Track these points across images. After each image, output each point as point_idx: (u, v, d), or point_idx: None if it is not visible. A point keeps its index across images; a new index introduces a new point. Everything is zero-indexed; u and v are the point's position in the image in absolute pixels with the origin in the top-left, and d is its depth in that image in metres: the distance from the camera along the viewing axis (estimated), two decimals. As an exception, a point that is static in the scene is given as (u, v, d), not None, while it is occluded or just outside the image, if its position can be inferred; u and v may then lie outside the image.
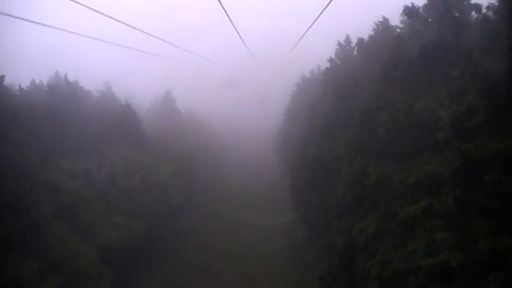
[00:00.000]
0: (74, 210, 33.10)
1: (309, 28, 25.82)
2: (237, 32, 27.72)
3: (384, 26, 35.08)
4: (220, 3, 19.81)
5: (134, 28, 24.32)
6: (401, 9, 31.09)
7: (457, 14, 27.50)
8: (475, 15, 26.94)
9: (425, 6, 28.68)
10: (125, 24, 23.13)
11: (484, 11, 25.35)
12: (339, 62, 42.44)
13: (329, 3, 18.91)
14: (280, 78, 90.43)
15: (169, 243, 46.55)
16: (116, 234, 35.45)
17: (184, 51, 45.05)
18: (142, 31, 25.77)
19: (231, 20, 23.50)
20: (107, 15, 21.02)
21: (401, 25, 32.85)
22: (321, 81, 44.56)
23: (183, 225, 52.82)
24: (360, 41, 37.86)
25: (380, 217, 20.53)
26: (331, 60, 43.66)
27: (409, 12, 28.86)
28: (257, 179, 69.55)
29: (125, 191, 41.35)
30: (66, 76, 49.11)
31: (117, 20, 21.96)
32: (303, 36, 31.04)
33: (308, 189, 33.80)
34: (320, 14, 21.34)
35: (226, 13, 21.73)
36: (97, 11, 20.55)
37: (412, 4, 28.64)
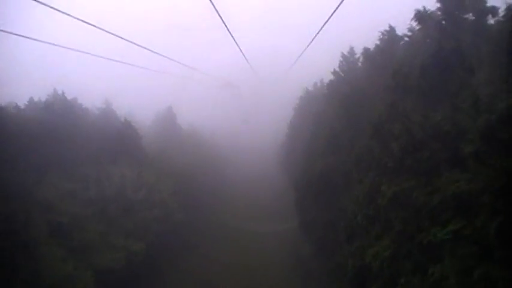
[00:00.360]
0: (70, 230, 31.72)
1: (309, 43, 26.10)
2: (237, 45, 27.41)
3: (390, 35, 33.90)
4: (222, 20, 20.25)
5: (137, 45, 24.03)
6: (404, 20, 30.56)
7: (472, 18, 26.30)
8: (492, 19, 25.76)
9: (438, 9, 27.46)
10: (126, 40, 22.71)
11: (502, 13, 24.04)
12: (342, 74, 41.40)
13: (328, 19, 19.01)
14: (282, 92, 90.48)
15: (171, 260, 45.08)
16: (114, 256, 33.99)
17: (186, 67, 44.77)
18: (144, 47, 25.50)
19: (231, 34, 23.30)
20: (109, 32, 20.90)
21: (410, 33, 31.60)
22: (325, 94, 43.40)
23: (185, 241, 51.40)
24: (366, 50, 36.62)
25: (396, 239, 18.96)
26: (334, 72, 42.59)
27: (421, 16, 27.51)
28: (260, 192, 68.32)
29: (125, 209, 39.94)
30: (63, 93, 48.09)
31: (118, 36, 21.60)
32: (303, 51, 31.66)
33: (314, 206, 32.32)
34: (320, 30, 21.34)
35: (227, 28, 21.81)
36: (99, 28, 20.40)
37: (424, 8, 27.37)
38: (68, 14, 17.74)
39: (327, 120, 36.96)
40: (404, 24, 32.55)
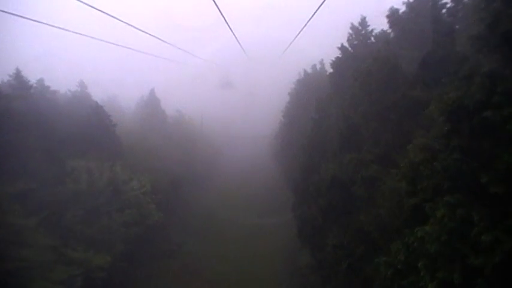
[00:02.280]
0: (9, 247, 24.92)
1: (304, 25, 23.54)
2: (230, 29, 24.24)
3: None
4: (217, 6, 18.68)
5: (127, 24, 21.69)
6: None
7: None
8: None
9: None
10: (116, 18, 20.23)
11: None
12: (351, 50, 34.23)
13: (320, 5, 17.44)
14: (277, 77, 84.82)
15: (146, 271, 38.69)
16: (68, 274, 27.33)
17: (179, 50, 38.64)
18: (139, 29, 23.36)
19: (224, 18, 21.24)
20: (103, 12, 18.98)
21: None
22: (331, 74, 36.23)
23: (163, 248, 45.03)
24: (393, 13, 28.98)
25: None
26: (342, 48, 35.10)
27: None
28: (253, 190, 61.68)
29: (87, 214, 33.10)
30: (19, 72, 40.55)
31: (107, 14, 19.47)
32: (299, 33, 27.58)
33: (322, 222, 25.57)
34: (312, 16, 19.68)
35: (221, 14, 20.29)
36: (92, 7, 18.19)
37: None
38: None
39: (336, 106, 30.03)
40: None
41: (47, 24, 19.15)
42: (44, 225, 28.93)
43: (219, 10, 19.64)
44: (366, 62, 25.47)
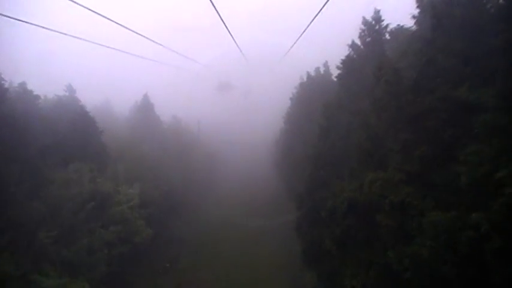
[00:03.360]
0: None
1: (303, 32, 23.61)
2: (230, 33, 23.52)
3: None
4: (215, 8, 18.72)
5: (127, 28, 21.49)
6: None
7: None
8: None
9: None
10: (115, 22, 19.77)
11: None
12: (362, 47, 30.26)
13: (320, 10, 17.70)
14: (277, 82, 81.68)
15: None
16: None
17: (177, 55, 37.20)
18: (139, 34, 23.09)
19: (224, 22, 21.13)
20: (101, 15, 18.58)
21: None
22: (340, 75, 32.19)
23: (155, 265, 41.29)
24: None
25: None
26: (352, 45, 31.15)
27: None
28: (252, 201, 57.76)
29: (64, 233, 29.26)
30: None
31: (106, 18, 18.95)
32: (297, 40, 27.68)
33: (337, 252, 21.48)
34: (312, 20, 19.47)
35: (221, 19, 20.38)
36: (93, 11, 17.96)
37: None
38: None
39: (347, 112, 26.11)
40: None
41: (45, 27, 18.30)
42: (12, 249, 25.15)
43: (219, 15, 19.65)
44: (382, 57, 21.86)
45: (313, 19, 19.16)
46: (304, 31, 23.00)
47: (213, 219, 54.46)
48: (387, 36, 29.56)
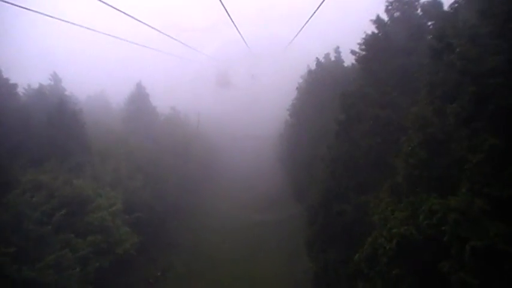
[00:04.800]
0: None
1: (307, 21, 22.69)
2: (233, 22, 23.34)
3: None
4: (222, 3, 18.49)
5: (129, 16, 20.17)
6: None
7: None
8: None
9: None
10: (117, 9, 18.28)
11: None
12: (390, 23, 24.67)
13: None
14: (281, 73, 77.03)
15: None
16: None
17: (178, 46, 35.59)
18: (144, 23, 22.34)
19: (227, 12, 20.65)
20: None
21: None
22: (362, 58, 26.44)
23: (144, 274, 36.81)
24: None
25: None
26: (377, 20, 25.33)
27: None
28: (255, 200, 52.87)
29: (29, 247, 24.52)
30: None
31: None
32: (301, 29, 27.04)
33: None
34: (316, 10, 18.54)
35: (225, 9, 19.96)
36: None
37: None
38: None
39: (372, 104, 20.68)
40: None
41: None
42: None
43: (223, 5, 18.92)
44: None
45: (317, 8, 18.12)
46: (309, 19, 21.90)
47: (211, 221, 49.72)
48: (419, 11, 24.16)
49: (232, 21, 23.93)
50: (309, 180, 29.45)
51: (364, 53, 25.95)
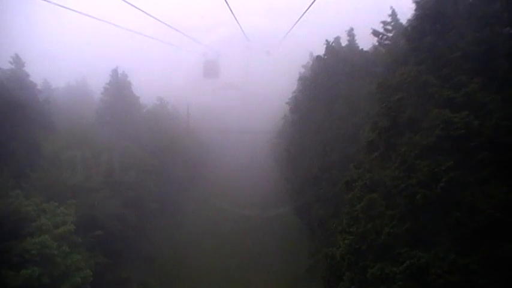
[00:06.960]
0: None
1: (304, 12, 21.79)
2: (231, 10, 22.47)
3: None
4: None
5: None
6: None
7: None
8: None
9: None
10: None
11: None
12: None
13: None
14: (279, 64, 73.81)
15: None
16: None
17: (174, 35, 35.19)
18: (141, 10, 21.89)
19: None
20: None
21: None
22: (410, 31, 18.30)
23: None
24: None
25: None
26: None
27: None
28: (249, 208, 45.69)
29: None
30: None
31: None
32: (299, 19, 25.02)
33: None
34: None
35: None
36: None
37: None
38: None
39: (432, 99, 13.22)
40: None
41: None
42: None
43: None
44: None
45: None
46: (307, 10, 21.75)
47: (194, 233, 42.84)
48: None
49: (231, 11, 23.22)
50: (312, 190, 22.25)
51: (389, 34, 18.42)
